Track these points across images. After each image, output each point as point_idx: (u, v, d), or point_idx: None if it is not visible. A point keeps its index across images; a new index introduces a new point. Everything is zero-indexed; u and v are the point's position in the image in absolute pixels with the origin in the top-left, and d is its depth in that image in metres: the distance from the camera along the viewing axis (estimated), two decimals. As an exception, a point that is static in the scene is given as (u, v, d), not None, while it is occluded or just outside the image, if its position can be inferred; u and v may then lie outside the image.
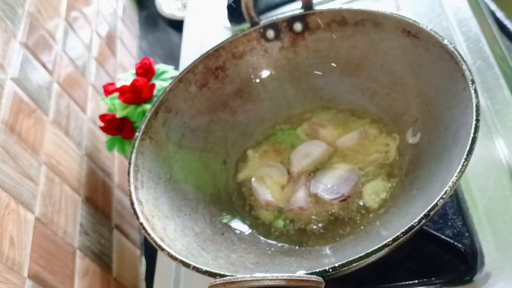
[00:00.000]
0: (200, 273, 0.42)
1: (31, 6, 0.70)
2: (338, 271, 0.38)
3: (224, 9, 0.86)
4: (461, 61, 0.46)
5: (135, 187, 0.51)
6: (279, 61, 0.64)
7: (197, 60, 0.62)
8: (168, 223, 0.51)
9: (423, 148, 0.53)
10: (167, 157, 0.58)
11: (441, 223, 0.52)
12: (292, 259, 0.52)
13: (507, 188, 0.52)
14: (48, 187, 0.59)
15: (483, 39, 0.64)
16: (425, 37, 0.50)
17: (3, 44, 0.60)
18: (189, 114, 0.62)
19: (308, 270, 0.39)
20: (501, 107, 0.58)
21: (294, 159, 0.60)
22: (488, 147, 0.56)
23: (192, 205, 0.56)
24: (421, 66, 0.52)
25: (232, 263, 0.50)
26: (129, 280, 0.71)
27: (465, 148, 0.40)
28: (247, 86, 0.65)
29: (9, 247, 0.49)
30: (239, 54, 0.63)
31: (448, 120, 0.48)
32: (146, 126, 0.57)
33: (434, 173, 0.47)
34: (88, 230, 0.64)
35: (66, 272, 0.57)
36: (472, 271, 0.49)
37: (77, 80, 0.77)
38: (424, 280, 0.50)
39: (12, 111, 0.57)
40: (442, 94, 0.49)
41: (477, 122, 0.41)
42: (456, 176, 0.38)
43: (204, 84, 0.63)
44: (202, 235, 0.53)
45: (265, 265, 0.51)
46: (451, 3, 0.71)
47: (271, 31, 0.62)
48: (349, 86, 0.62)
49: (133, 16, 1.16)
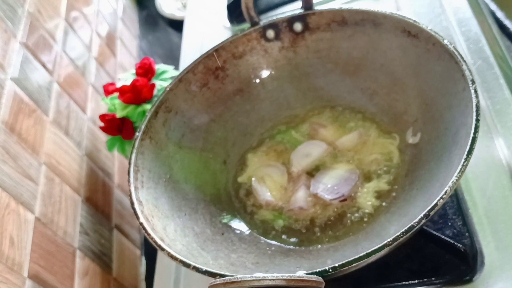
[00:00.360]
0: (200, 273, 0.42)
1: (31, 6, 0.70)
2: (338, 271, 0.38)
3: (224, 9, 0.86)
4: (461, 61, 0.46)
5: (135, 187, 0.51)
6: (279, 61, 0.64)
7: (197, 60, 0.62)
8: (168, 223, 0.51)
9: (423, 148, 0.53)
10: (167, 157, 0.58)
11: (441, 223, 0.52)
12: (292, 259, 0.52)
13: (507, 188, 0.52)
14: (48, 187, 0.59)
15: (483, 39, 0.64)
16: (425, 37, 0.50)
17: (3, 44, 0.60)
18: (189, 114, 0.62)
19: (308, 270, 0.39)
20: (501, 107, 0.58)
21: (294, 159, 0.60)
22: (488, 147, 0.56)
23: (192, 205, 0.56)
24: (421, 66, 0.52)
25: (232, 263, 0.50)
26: (129, 280, 0.71)
27: (465, 148, 0.40)
28: (247, 86, 0.65)
29: (9, 247, 0.49)
30: (239, 54, 0.63)
31: (448, 120, 0.48)
32: (146, 126, 0.57)
33: (434, 173, 0.47)
34: (88, 230, 0.64)
35: (66, 272, 0.57)
36: (472, 271, 0.49)
37: (77, 80, 0.77)
38: (424, 280, 0.50)
39: (12, 111, 0.57)
40: (442, 94, 0.49)
41: (477, 122, 0.41)
42: (456, 176, 0.38)
43: (204, 84, 0.63)
44: (202, 235, 0.53)
45: (265, 265, 0.51)
46: (451, 3, 0.71)
47: (271, 31, 0.62)
48: (349, 86, 0.62)
49: (133, 16, 1.16)
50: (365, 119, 0.61)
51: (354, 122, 0.61)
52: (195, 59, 0.62)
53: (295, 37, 0.62)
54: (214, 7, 0.93)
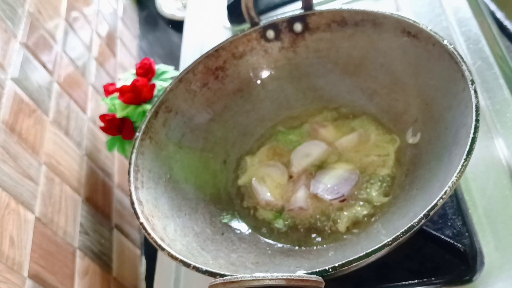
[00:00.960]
0: (200, 272, 0.42)
1: (31, 6, 0.70)
2: (338, 271, 0.39)
3: (224, 9, 0.86)
4: (461, 62, 0.46)
5: (135, 187, 0.51)
6: (279, 61, 0.64)
7: (197, 60, 0.62)
8: (168, 223, 0.51)
9: (423, 148, 0.53)
10: (167, 157, 0.58)
11: (441, 223, 0.52)
12: (292, 259, 0.52)
13: (506, 188, 0.52)
14: (48, 187, 0.59)
15: (483, 39, 0.64)
16: (425, 38, 0.51)
17: (3, 44, 0.60)
18: (189, 114, 0.62)
19: (308, 270, 0.39)
20: (501, 107, 0.58)
21: (294, 159, 0.60)
22: (487, 147, 0.56)
23: (192, 205, 0.56)
24: (421, 66, 0.52)
25: (232, 262, 0.50)
26: (129, 280, 0.71)
27: (465, 148, 0.40)
28: (247, 86, 0.65)
29: (9, 247, 0.49)
30: (239, 54, 0.63)
31: (448, 120, 0.48)
32: (146, 126, 0.57)
33: (434, 173, 0.47)
34: (88, 230, 0.65)
35: (66, 271, 0.57)
36: (472, 271, 0.49)
37: (77, 80, 0.77)
38: (424, 280, 0.50)
39: (12, 111, 0.57)
40: (442, 94, 0.50)
41: (476, 122, 0.41)
42: (456, 176, 0.38)
43: (204, 84, 0.63)
44: (202, 235, 0.53)
45: (265, 265, 0.51)
46: (451, 3, 0.71)
47: (271, 31, 0.62)
48: (349, 86, 0.62)
49: (133, 16, 1.16)
50: (365, 119, 0.61)
51: (354, 122, 0.62)
52: (195, 59, 0.62)
53: (295, 38, 0.62)
54: (214, 7, 0.93)
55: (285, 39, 0.63)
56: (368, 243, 0.46)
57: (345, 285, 0.53)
